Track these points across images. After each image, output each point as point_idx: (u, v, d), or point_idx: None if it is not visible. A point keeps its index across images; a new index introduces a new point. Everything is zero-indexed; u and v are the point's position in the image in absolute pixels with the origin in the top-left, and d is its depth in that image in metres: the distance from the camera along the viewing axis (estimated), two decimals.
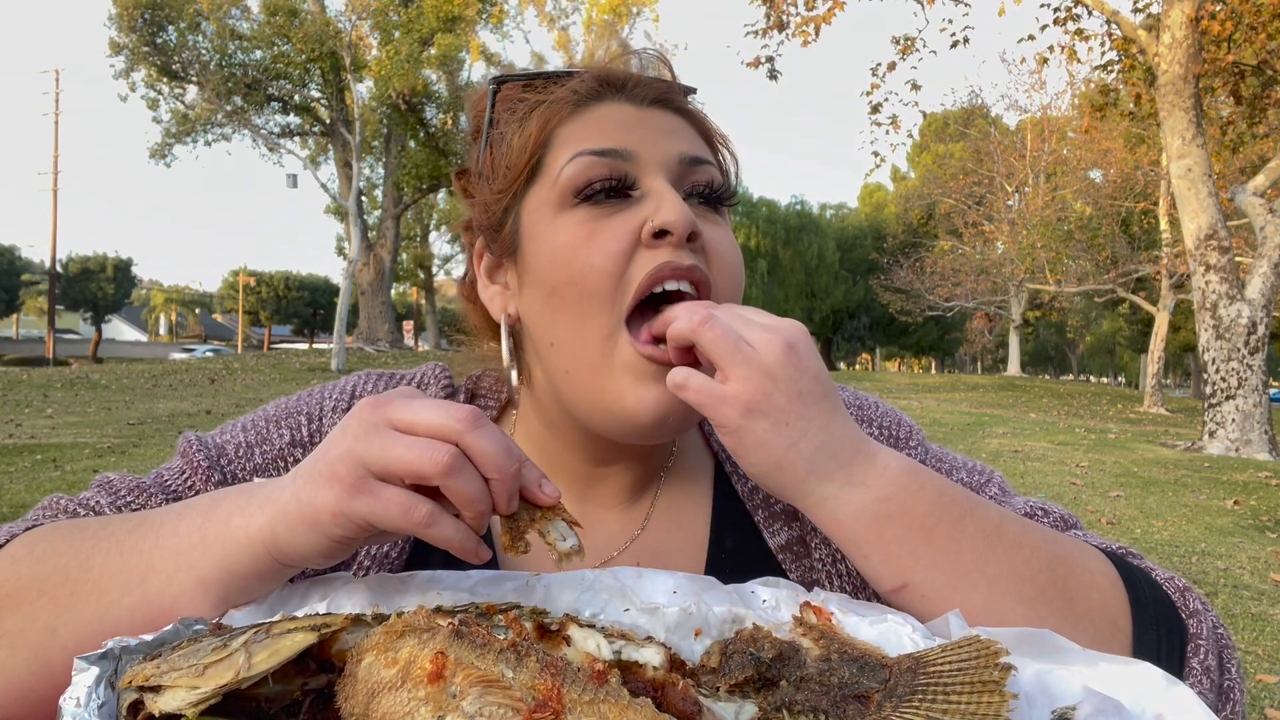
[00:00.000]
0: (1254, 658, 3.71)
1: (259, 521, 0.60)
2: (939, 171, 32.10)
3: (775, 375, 0.64)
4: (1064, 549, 0.69)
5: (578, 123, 0.78)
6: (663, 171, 0.76)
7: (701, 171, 0.78)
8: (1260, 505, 6.96)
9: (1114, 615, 0.66)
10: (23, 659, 0.62)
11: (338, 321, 19.87)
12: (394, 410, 0.57)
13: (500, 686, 0.43)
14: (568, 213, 0.75)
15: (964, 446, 10.42)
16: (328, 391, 0.90)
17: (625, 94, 0.79)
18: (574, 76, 0.80)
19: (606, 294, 0.72)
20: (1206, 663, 0.66)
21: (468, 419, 0.56)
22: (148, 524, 0.65)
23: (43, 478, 7.02)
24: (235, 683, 0.47)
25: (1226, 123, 12.81)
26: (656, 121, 0.79)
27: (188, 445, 0.85)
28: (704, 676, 0.56)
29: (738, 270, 0.79)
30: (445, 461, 0.54)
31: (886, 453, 0.67)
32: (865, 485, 0.65)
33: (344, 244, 32.38)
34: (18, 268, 54.12)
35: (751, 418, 0.64)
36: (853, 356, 60.47)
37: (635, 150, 0.75)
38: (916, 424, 0.95)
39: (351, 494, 0.55)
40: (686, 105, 0.83)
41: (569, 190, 0.74)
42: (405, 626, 0.47)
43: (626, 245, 0.72)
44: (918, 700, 0.49)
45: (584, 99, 0.79)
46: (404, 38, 22.62)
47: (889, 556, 0.65)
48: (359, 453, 0.55)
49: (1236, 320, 10.27)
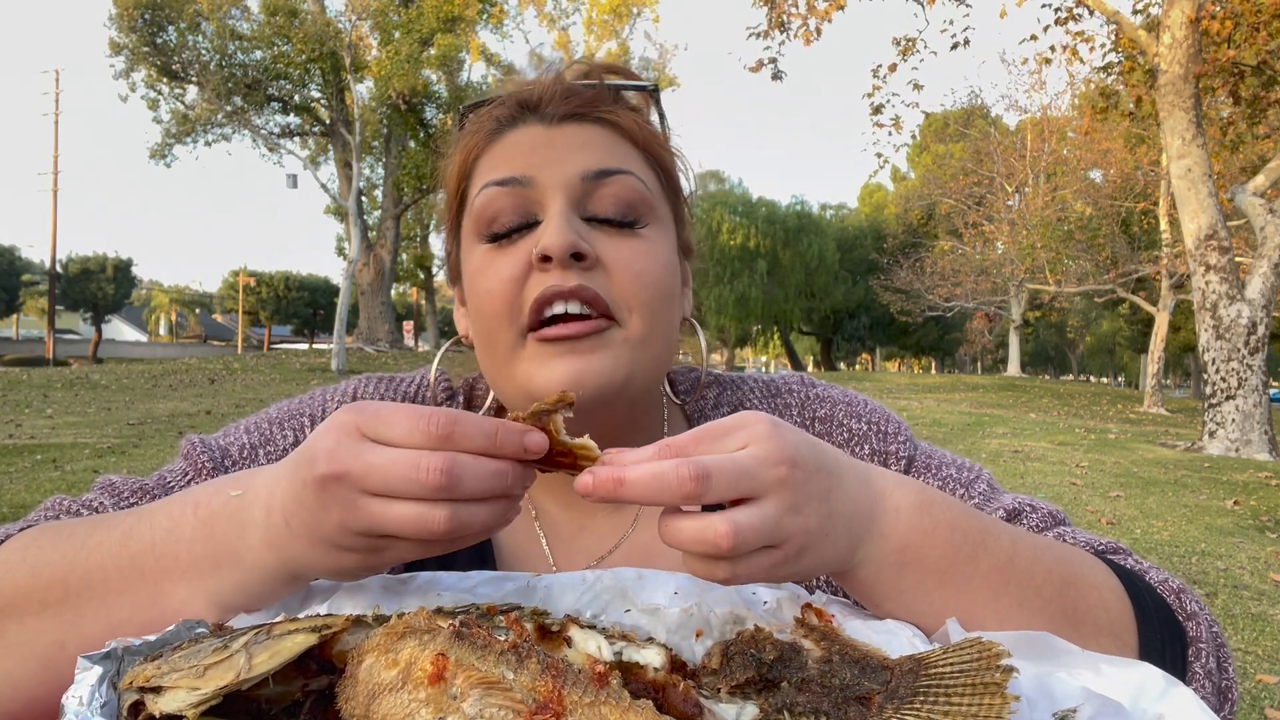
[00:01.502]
0: (1254, 658, 3.71)
1: (272, 563, 0.59)
2: (939, 172, 32.07)
3: (794, 461, 0.57)
4: (1071, 568, 0.68)
5: (492, 152, 0.82)
6: (562, 193, 0.78)
7: (610, 184, 0.79)
8: (1260, 505, 6.96)
9: (1120, 630, 0.67)
10: (31, 670, 0.62)
11: (338, 322, 19.87)
12: (362, 479, 0.53)
13: (501, 688, 0.43)
14: (479, 247, 0.80)
15: (964, 446, 10.41)
16: (330, 394, 0.92)
17: (538, 114, 0.81)
18: (498, 104, 0.83)
19: (506, 315, 0.77)
20: (1208, 666, 0.67)
21: (443, 479, 0.52)
22: (135, 537, 0.64)
23: (43, 478, 7.02)
24: (236, 684, 0.47)
25: (1227, 123, 12.80)
26: (566, 138, 0.80)
27: (191, 447, 0.86)
28: (705, 678, 0.56)
29: (648, 280, 0.78)
30: (445, 529, 0.53)
31: (891, 486, 0.63)
32: (885, 536, 0.62)
33: (344, 244, 32.35)
34: (18, 268, 54.06)
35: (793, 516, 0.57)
36: (853, 357, 60.45)
37: (535, 175, 0.78)
38: (904, 421, 0.95)
39: (372, 556, 0.57)
40: (609, 114, 0.82)
41: (480, 221, 0.80)
42: (406, 628, 0.47)
43: (520, 270, 0.77)
44: (919, 702, 0.49)
45: (501, 126, 0.82)
46: (404, 38, 22.60)
47: (903, 604, 0.63)
48: (355, 528, 0.55)
49: (1236, 320, 10.26)
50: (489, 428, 0.55)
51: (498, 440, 0.55)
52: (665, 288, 0.80)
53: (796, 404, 0.95)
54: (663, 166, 0.86)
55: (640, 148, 0.84)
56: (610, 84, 0.85)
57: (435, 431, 0.53)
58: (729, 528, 0.52)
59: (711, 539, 0.52)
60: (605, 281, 0.77)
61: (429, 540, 0.55)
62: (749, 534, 0.53)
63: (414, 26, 22.77)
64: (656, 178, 0.85)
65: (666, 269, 0.81)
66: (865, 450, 0.90)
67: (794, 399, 0.95)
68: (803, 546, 0.56)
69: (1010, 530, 0.68)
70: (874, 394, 19.38)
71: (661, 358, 0.82)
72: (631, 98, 0.88)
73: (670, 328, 0.82)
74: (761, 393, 0.97)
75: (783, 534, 0.55)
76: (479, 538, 0.57)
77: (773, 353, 64.51)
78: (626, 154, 0.82)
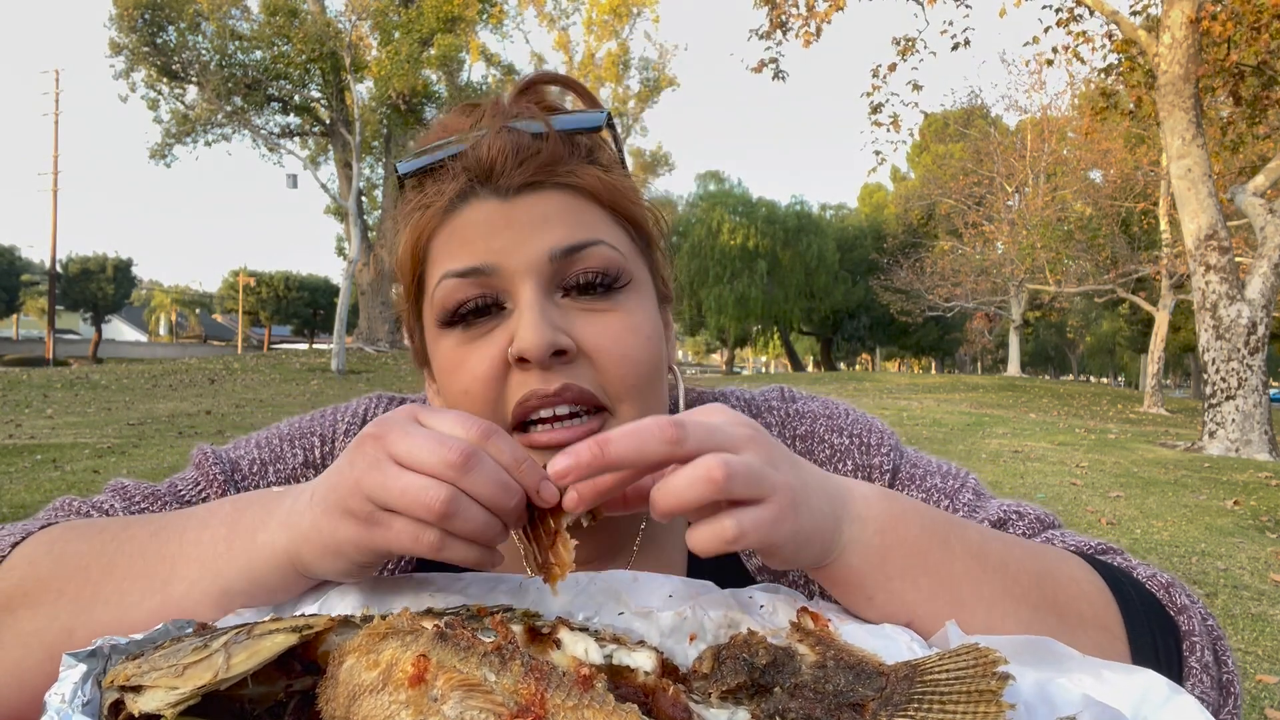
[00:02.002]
0: (1254, 658, 3.70)
1: (282, 542, 0.61)
2: (939, 172, 32.07)
3: (769, 447, 0.59)
4: (1045, 562, 0.67)
5: (445, 232, 0.75)
6: (530, 278, 0.72)
7: (581, 259, 0.73)
8: (1260, 505, 6.95)
9: (1107, 622, 0.66)
10: (38, 660, 0.62)
11: (338, 322, 19.89)
12: (393, 443, 0.57)
13: (482, 690, 0.42)
14: (445, 334, 0.76)
15: (964, 447, 10.41)
16: (340, 414, 0.92)
17: (491, 185, 0.73)
18: (445, 172, 0.75)
19: (486, 414, 0.73)
20: (1204, 660, 0.66)
21: (462, 459, 0.55)
22: (169, 528, 0.66)
23: (43, 478, 7.02)
24: (214, 683, 0.46)
25: (1227, 123, 12.80)
26: (525, 213, 0.73)
27: (203, 457, 0.87)
28: (696, 682, 0.55)
29: (633, 361, 0.74)
30: (439, 509, 0.54)
31: (847, 480, 0.65)
32: (864, 519, 0.62)
33: (344, 244, 32.37)
34: (18, 268, 54.10)
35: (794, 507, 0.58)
36: (853, 357, 60.49)
37: (498, 262, 0.72)
38: (889, 428, 0.92)
39: (367, 528, 0.57)
40: (567, 176, 0.75)
41: (442, 312, 0.75)
42: (388, 628, 0.46)
43: (496, 368, 0.73)
44: (913, 709, 0.48)
45: (453, 202, 0.74)
46: (404, 38, 22.62)
47: (893, 594, 0.62)
48: (365, 488, 0.56)
49: (1236, 320, 10.26)
50: (520, 451, 0.58)
51: (522, 466, 0.57)
52: (653, 363, 0.76)
53: (777, 422, 0.93)
54: (632, 220, 0.80)
55: (606, 207, 0.77)
56: (561, 128, 0.77)
57: (474, 433, 0.57)
58: (719, 459, 0.53)
59: (704, 474, 0.53)
60: (590, 372, 0.73)
61: (423, 520, 0.55)
62: (739, 467, 0.54)
63: (414, 27, 22.79)
64: (627, 235, 0.79)
65: (651, 340, 0.76)
66: (848, 466, 0.88)
67: (774, 417, 0.93)
68: (792, 501, 0.57)
69: (975, 524, 0.69)
70: (874, 394, 19.40)
71: None
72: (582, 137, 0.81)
73: (661, 396, 0.79)
74: (741, 410, 0.95)
75: (769, 484, 0.56)
76: (469, 547, 0.57)
77: (773, 353, 64.57)
78: (593, 219, 0.76)
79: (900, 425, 12.29)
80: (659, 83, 34.21)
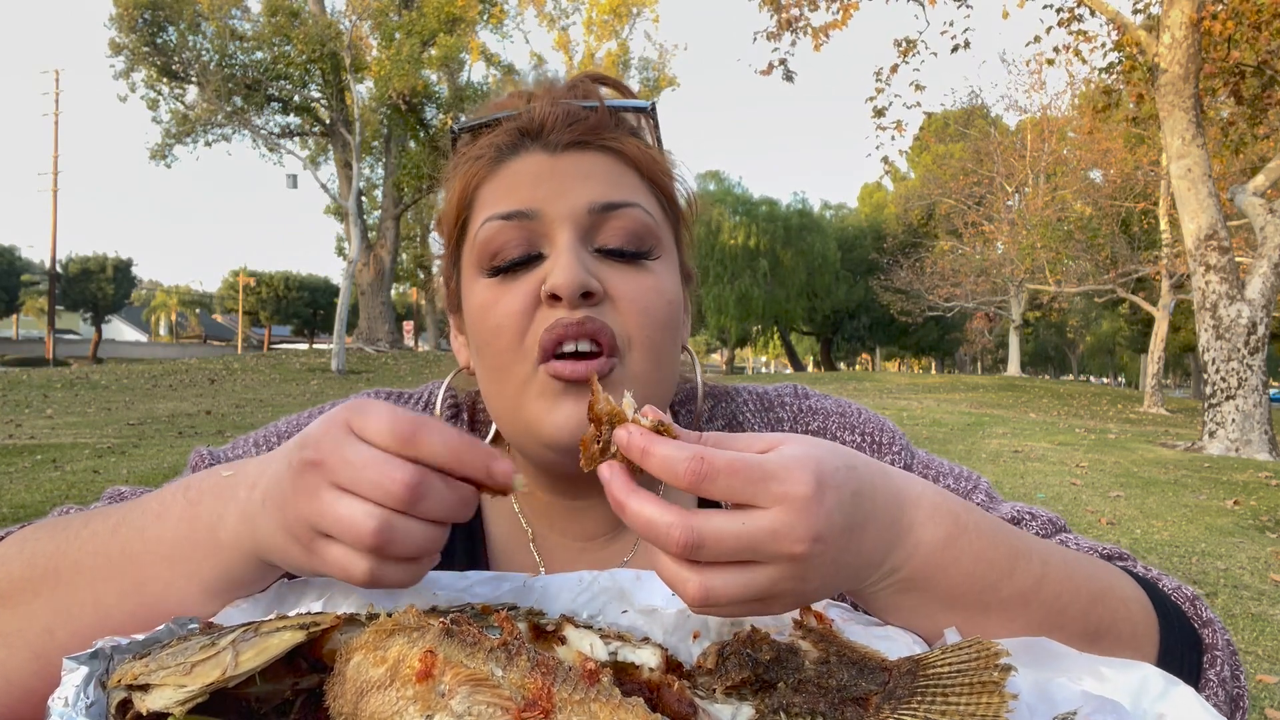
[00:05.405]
0: (1254, 658, 3.71)
1: (247, 544, 0.61)
2: (939, 172, 32.04)
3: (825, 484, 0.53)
4: (1102, 584, 0.66)
5: (494, 181, 0.80)
6: (569, 226, 0.76)
7: (617, 217, 0.77)
8: (1260, 505, 6.95)
9: (1141, 643, 0.66)
10: (23, 659, 0.63)
11: (338, 322, 19.88)
12: (332, 470, 0.55)
13: (489, 685, 0.42)
14: (483, 276, 0.78)
15: (964, 446, 10.41)
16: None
17: (540, 141, 0.79)
18: (499, 130, 0.81)
19: (514, 350, 0.76)
20: (1222, 674, 0.67)
21: (406, 490, 0.53)
22: (127, 524, 0.65)
23: (43, 478, 7.01)
24: (222, 681, 0.46)
25: (1228, 123, 12.79)
26: (570, 168, 0.78)
27: (200, 460, 0.87)
28: (700, 678, 0.55)
29: (655, 316, 0.77)
30: (370, 541, 0.54)
31: (922, 519, 0.59)
32: (894, 570, 0.59)
33: (344, 244, 32.35)
34: (18, 268, 54.06)
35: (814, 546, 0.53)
36: (853, 356, 60.45)
37: (541, 208, 0.76)
38: (899, 429, 0.94)
39: (306, 554, 0.57)
40: (612, 141, 0.80)
41: (483, 255, 0.78)
42: (395, 625, 0.47)
43: (528, 305, 0.76)
44: (916, 702, 0.49)
45: (502, 153, 0.80)
46: (404, 38, 22.61)
47: (902, 619, 0.62)
48: (305, 516, 0.56)
49: (1236, 320, 10.26)
50: (456, 442, 0.56)
51: (463, 457, 0.56)
52: (670, 322, 0.79)
53: (789, 418, 0.94)
54: (665, 193, 0.85)
55: (644, 175, 0.82)
56: (610, 104, 0.83)
57: (402, 432, 0.54)
58: (698, 584, 0.50)
59: (680, 590, 0.51)
60: (612, 314, 0.76)
61: (355, 547, 0.54)
62: (721, 597, 0.51)
63: (414, 27, 22.78)
64: (660, 205, 0.83)
65: (672, 304, 0.80)
66: None
67: (786, 413, 0.94)
68: (792, 604, 0.55)
69: (1044, 550, 0.64)
70: (874, 394, 19.39)
71: (663, 390, 0.81)
72: (629, 115, 0.86)
73: (672, 360, 0.82)
74: (755, 405, 0.96)
75: (770, 594, 0.52)
76: (406, 569, 0.57)
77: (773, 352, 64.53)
78: (632, 184, 0.80)
79: (900, 425, 12.25)
80: (659, 83, 34.22)
